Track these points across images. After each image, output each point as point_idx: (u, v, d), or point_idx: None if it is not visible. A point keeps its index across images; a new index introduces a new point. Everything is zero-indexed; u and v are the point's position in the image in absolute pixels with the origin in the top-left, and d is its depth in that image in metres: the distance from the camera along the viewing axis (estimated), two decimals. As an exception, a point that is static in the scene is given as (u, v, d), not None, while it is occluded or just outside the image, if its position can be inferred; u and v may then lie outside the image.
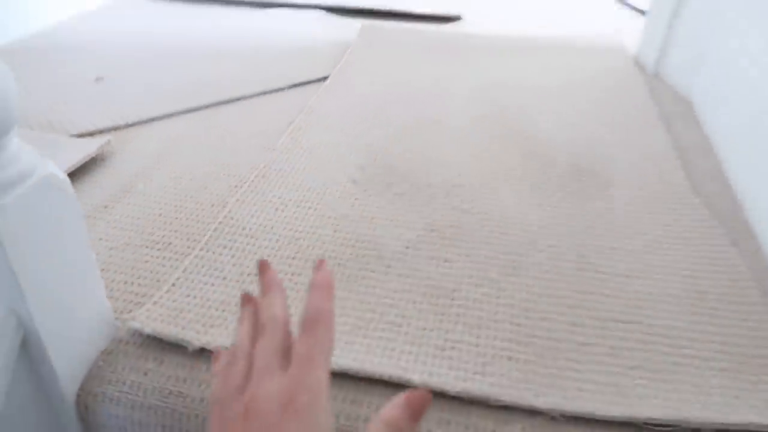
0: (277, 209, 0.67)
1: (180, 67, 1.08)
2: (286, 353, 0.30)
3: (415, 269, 0.59)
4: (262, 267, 0.36)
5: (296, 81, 1.02)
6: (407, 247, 0.62)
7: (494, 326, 0.53)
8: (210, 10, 1.42)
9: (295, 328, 0.31)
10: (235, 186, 0.72)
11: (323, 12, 1.41)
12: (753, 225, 0.67)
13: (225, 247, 0.61)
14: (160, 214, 0.67)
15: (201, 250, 0.61)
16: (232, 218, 0.65)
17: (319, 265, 0.34)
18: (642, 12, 1.37)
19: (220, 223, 0.64)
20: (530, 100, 0.96)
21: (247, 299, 0.35)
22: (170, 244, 0.63)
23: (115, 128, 0.86)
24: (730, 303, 0.55)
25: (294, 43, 1.20)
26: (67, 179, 0.44)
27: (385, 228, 0.65)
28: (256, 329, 0.32)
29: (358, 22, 1.31)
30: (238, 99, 0.96)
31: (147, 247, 0.62)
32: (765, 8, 0.80)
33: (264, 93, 0.98)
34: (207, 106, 0.93)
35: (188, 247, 0.62)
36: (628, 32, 1.28)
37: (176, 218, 0.66)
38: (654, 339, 0.51)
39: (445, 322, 0.53)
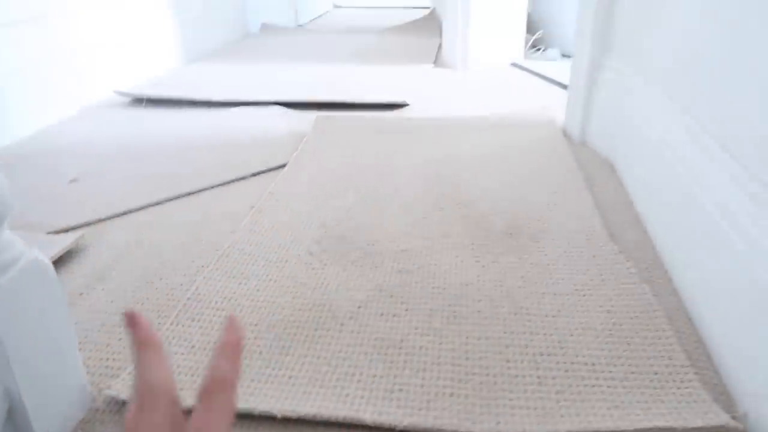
0: (240, 283, 0.74)
1: (150, 163, 1.16)
2: (174, 427, 0.27)
3: (366, 325, 0.66)
4: (130, 320, 0.30)
5: (258, 169, 1.12)
6: (359, 307, 0.69)
7: (437, 368, 0.59)
8: (179, 113, 1.53)
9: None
10: (202, 266, 0.79)
11: (282, 108, 1.53)
12: (668, 267, 0.76)
13: (193, 320, 0.67)
14: (133, 296, 0.73)
15: (171, 324, 0.67)
16: (199, 294, 0.72)
17: (229, 323, 0.30)
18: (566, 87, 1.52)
19: (188, 299, 0.71)
20: (470, 171, 1.07)
21: (130, 314, 0.31)
22: (142, 321, 0.68)
23: (89, 223, 0.93)
24: (641, 330, 0.63)
25: (256, 136, 1.31)
26: (51, 264, 0.50)
27: (339, 292, 0.72)
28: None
29: (313, 114, 1.44)
30: (204, 189, 1.04)
31: (121, 326, 0.68)
32: (664, 82, 0.94)
33: (228, 182, 1.07)
34: (176, 197, 1.01)
35: (159, 323, 0.68)
36: (557, 106, 1.43)
37: (148, 298, 0.73)
38: (576, 367, 0.58)
39: (394, 369, 0.59)
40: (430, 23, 2.69)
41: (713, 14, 0.73)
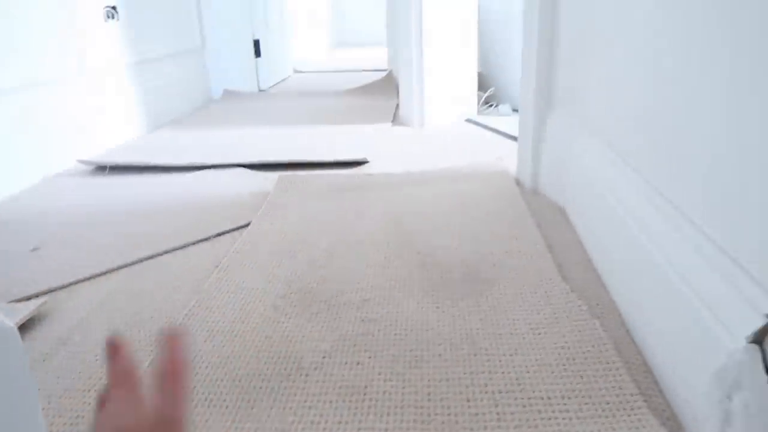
0: (206, 341, 0.75)
1: (113, 229, 1.17)
2: None
3: (331, 374, 0.67)
4: (111, 350, 0.29)
5: (222, 229, 1.14)
6: (324, 357, 0.71)
7: (401, 412, 0.61)
8: (142, 179, 1.55)
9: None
10: (168, 325, 0.80)
11: (245, 169, 1.56)
12: (616, 303, 0.81)
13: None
14: (96, 360, 0.73)
15: (136, 384, 0.67)
16: (164, 353, 0.72)
17: (167, 342, 0.28)
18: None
19: (152, 360, 0.71)
20: (429, 221, 1.11)
21: (112, 343, 0.30)
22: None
23: (51, 290, 0.93)
24: (593, 364, 0.66)
25: (219, 198, 1.34)
26: (15, 328, 0.51)
27: (304, 343, 0.74)
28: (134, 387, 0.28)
29: (276, 174, 1.47)
30: (168, 251, 1.05)
31: (86, 390, 0.68)
32: (601, 132, 1.01)
33: (193, 243, 1.09)
34: (139, 261, 1.02)
35: (124, 384, 0.68)
36: (510, 157, 1.50)
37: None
38: (533, 402, 0.61)
39: (359, 414, 0.61)
40: (388, 84, 2.80)
41: (641, 68, 0.80)
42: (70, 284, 0.95)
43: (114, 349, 0.29)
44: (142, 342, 0.77)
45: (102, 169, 1.64)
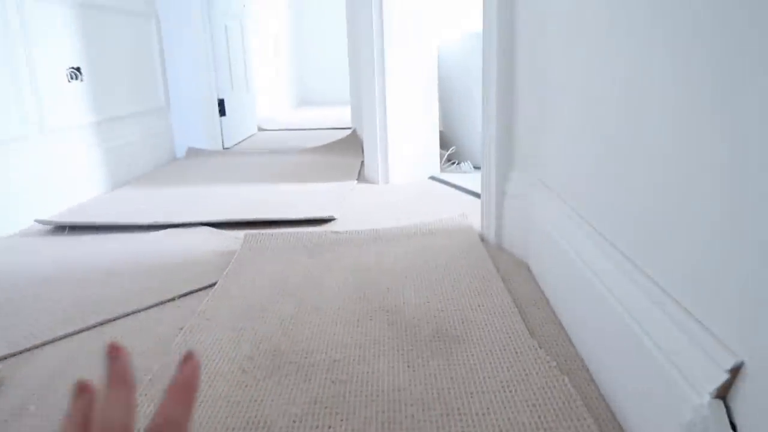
0: (171, 407, 0.73)
1: (72, 291, 1.14)
2: None
3: (302, 439, 0.66)
4: (112, 351, 0.29)
5: (187, 290, 1.12)
6: (294, 421, 0.69)
7: (375, 477, 0.60)
8: (103, 239, 1.52)
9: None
10: (130, 393, 0.77)
11: (210, 228, 1.55)
12: (583, 358, 0.82)
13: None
14: (54, 431, 0.70)
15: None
16: (127, 422, 0.70)
17: (185, 359, 0.28)
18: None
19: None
20: (396, 279, 1.12)
21: (82, 388, 0.28)
22: (65, 457, 0.65)
23: (6, 357, 0.89)
24: (564, 421, 0.67)
25: (184, 257, 1.32)
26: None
27: (273, 407, 0.72)
28: (87, 425, 0.27)
29: (242, 233, 1.47)
30: (130, 313, 1.03)
31: (40, 464, 0.64)
32: (559, 188, 1.05)
33: (156, 305, 1.06)
34: (100, 324, 0.99)
35: (83, 457, 0.65)
36: (473, 214, 1.54)
37: None
38: (508, 462, 0.61)
39: (331, 481, 0.59)
40: (352, 142, 2.85)
41: (590, 130, 0.84)
42: (26, 350, 0.91)
43: (115, 351, 0.29)
44: (102, 411, 0.74)
45: (61, 229, 1.60)
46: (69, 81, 1.88)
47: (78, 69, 1.93)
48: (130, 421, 0.27)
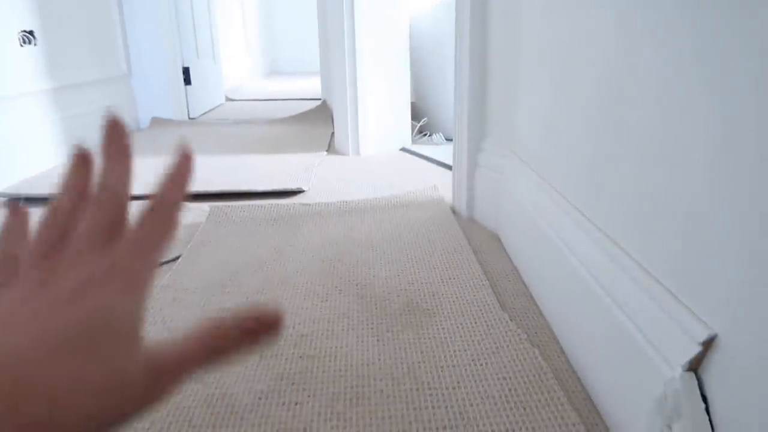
0: (130, 385, 0.70)
1: (26, 266, 1.09)
2: (112, 234, 0.25)
3: (268, 416, 0.64)
4: (112, 127, 0.28)
5: (148, 264, 1.08)
6: (260, 398, 0.67)
7: (342, 454, 0.58)
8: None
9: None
10: (87, 371, 0.74)
11: (174, 199, 1.50)
12: (554, 330, 0.81)
13: None
14: None
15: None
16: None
17: (181, 150, 0.28)
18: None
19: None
20: (366, 252, 1.10)
21: (81, 160, 0.28)
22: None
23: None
24: (535, 394, 0.66)
25: (145, 230, 1.27)
26: None
27: (238, 384, 0.70)
28: (83, 193, 0.27)
29: (208, 205, 1.42)
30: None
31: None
32: (530, 158, 1.04)
33: (116, 279, 1.02)
34: (56, 300, 0.95)
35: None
36: (445, 186, 1.52)
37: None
38: (478, 436, 0.60)
39: (298, 459, 0.58)
40: (322, 113, 2.79)
41: (564, 97, 0.83)
42: (-24, 328, 0.86)
43: (112, 122, 0.28)
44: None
45: (17, 200, 1.53)
46: (21, 45, 1.78)
47: (31, 32, 1.83)
48: (127, 189, 0.26)
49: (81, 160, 0.28)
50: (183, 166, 0.28)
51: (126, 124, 0.28)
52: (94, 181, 0.27)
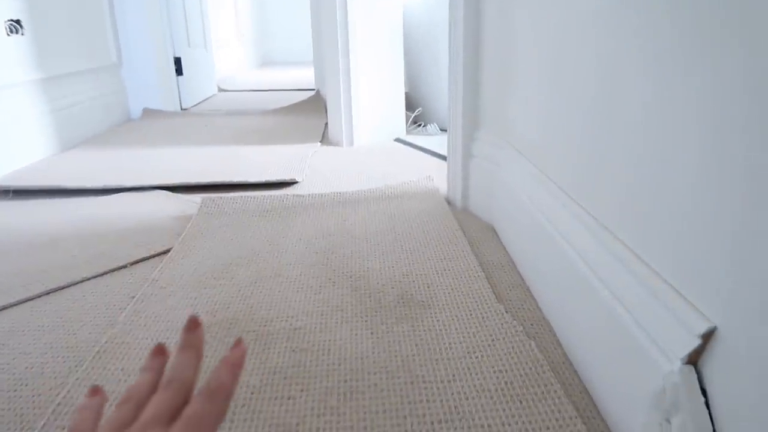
0: (119, 381, 0.68)
1: (14, 259, 1.07)
2: (176, 414, 0.30)
3: (260, 411, 0.63)
4: (192, 324, 0.35)
5: (139, 257, 1.06)
6: (252, 393, 0.66)
7: (336, 449, 0.57)
8: (50, 203, 1.43)
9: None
10: (75, 366, 0.73)
11: (166, 192, 1.48)
12: (550, 322, 0.81)
13: (63, 429, 0.61)
14: (-8, 409, 0.65)
15: (38, 436, 0.60)
16: (71, 398, 0.65)
17: (236, 343, 0.35)
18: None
19: (57, 404, 0.64)
20: (360, 243, 1.09)
21: (159, 351, 0.35)
22: (2, 436, 0.61)
23: (-60, 330, 0.83)
24: (531, 387, 0.65)
25: (137, 223, 1.25)
26: None
27: (230, 379, 0.68)
28: (157, 383, 0.33)
29: (200, 197, 1.40)
30: (78, 282, 0.97)
31: (-24, 445, 0.60)
32: (524, 148, 1.02)
33: (106, 272, 1.01)
34: (44, 293, 0.93)
35: (23, 436, 0.60)
36: (439, 177, 1.51)
37: (9, 409, 0.65)
38: (474, 431, 0.59)
39: (291, 455, 0.57)
40: (316, 104, 2.77)
41: (558, 88, 0.81)
42: (-37, 323, 0.85)
43: (194, 324, 0.35)
44: (43, 387, 0.69)
45: (5, 193, 1.51)
46: (8, 35, 1.75)
47: (18, 21, 1.79)
48: (195, 379, 0.32)
49: (159, 351, 0.35)
50: (238, 357, 0.33)
51: (202, 328, 0.35)
52: (168, 370, 0.33)
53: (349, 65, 1.94)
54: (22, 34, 1.82)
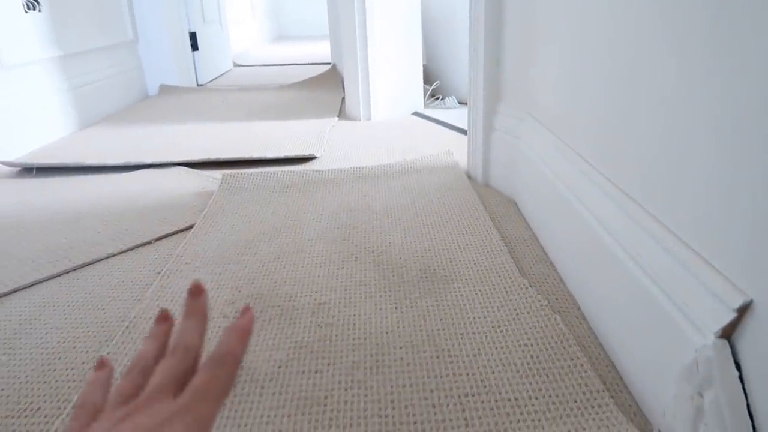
0: (149, 355, 0.70)
1: (41, 236, 1.08)
2: (184, 380, 0.30)
3: (288, 385, 0.63)
4: (195, 290, 0.35)
5: (162, 233, 1.07)
6: (279, 367, 0.67)
7: (364, 422, 0.58)
8: (73, 180, 1.45)
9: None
10: (106, 341, 0.74)
11: (186, 168, 1.49)
12: (575, 296, 0.80)
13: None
14: (27, 381, 0.67)
15: (72, 408, 0.61)
16: (103, 371, 0.66)
17: (244, 311, 0.34)
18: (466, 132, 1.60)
19: (91, 378, 0.65)
20: (381, 218, 1.08)
21: (164, 318, 0.35)
22: (39, 409, 0.62)
23: (-27, 306, 0.85)
24: (557, 361, 0.65)
25: (159, 199, 1.26)
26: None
27: (257, 353, 0.69)
28: (164, 350, 0.33)
29: (220, 173, 1.41)
30: (104, 258, 0.98)
31: (12, 416, 0.61)
32: (548, 121, 1.01)
33: (131, 248, 1.02)
34: (73, 269, 0.94)
35: (58, 409, 0.62)
36: (459, 150, 1.49)
37: (45, 382, 0.66)
38: (500, 405, 0.59)
39: (319, 428, 0.57)
40: (332, 78, 2.75)
41: (583, 57, 0.79)
42: (-6, 298, 0.87)
43: (197, 290, 0.34)
44: (76, 361, 0.70)
45: (28, 170, 1.53)
46: (26, 11, 1.75)
47: (35, -2, 1.79)
48: (201, 344, 0.32)
49: (163, 318, 0.35)
50: (246, 324, 0.33)
51: (206, 294, 0.35)
52: (174, 336, 0.33)
53: (366, 37, 1.91)
54: (39, 11, 1.82)
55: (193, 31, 2.84)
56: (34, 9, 1.79)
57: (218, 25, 3.30)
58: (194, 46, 2.85)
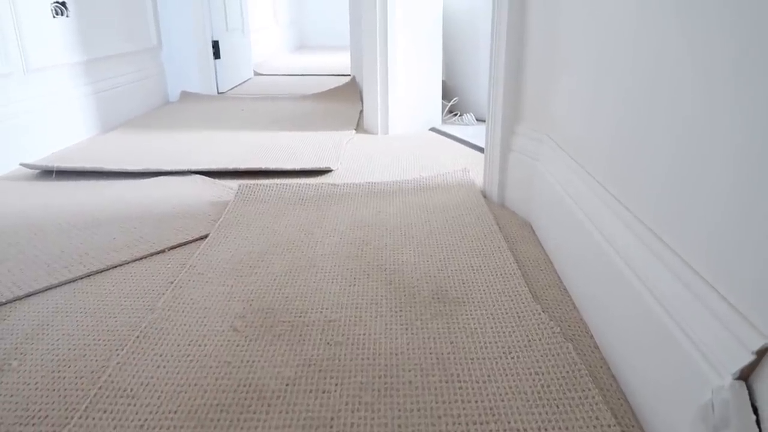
0: (158, 367, 0.70)
1: (57, 240, 1.10)
2: None
3: (295, 404, 0.63)
4: None
5: (177, 242, 1.08)
6: (287, 385, 0.66)
7: (370, 446, 0.57)
8: (91, 185, 1.47)
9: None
10: (116, 349, 0.74)
11: (203, 177, 1.50)
12: (588, 324, 0.79)
13: (105, 411, 0.62)
14: (36, 388, 0.67)
15: (80, 418, 0.61)
16: (112, 381, 0.67)
17: None
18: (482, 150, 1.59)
19: (99, 388, 0.65)
20: (395, 236, 1.08)
21: None
22: (46, 417, 0.62)
23: (-13, 308, 0.85)
24: (568, 391, 0.64)
25: (175, 207, 1.27)
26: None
27: (265, 369, 0.69)
28: None
29: (236, 183, 1.42)
30: (118, 265, 0.99)
31: (20, 424, 0.62)
32: (568, 145, 1.00)
33: (145, 257, 1.02)
34: (86, 275, 0.95)
35: (66, 417, 0.62)
36: (475, 168, 1.49)
37: (53, 389, 0.66)
38: (509, 434, 0.58)
39: (325, 450, 0.57)
40: (351, 90, 2.76)
41: (603, 82, 0.79)
42: (8, 302, 0.88)
43: None
44: (86, 369, 0.71)
45: (48, 173, 1.55)
46: (54, 16, 1.79)
47: (63, 3, 1.83)
48: None
49: None
50: None
51: None
52: None
53: (387, 51, 1.92)
54: (67, 16, 1.85)
55: (216, 39, 2.87)
56: (62, 14, 1.82)
57: (241, 34, 3.34)
58: (216, 54, 2.88)
